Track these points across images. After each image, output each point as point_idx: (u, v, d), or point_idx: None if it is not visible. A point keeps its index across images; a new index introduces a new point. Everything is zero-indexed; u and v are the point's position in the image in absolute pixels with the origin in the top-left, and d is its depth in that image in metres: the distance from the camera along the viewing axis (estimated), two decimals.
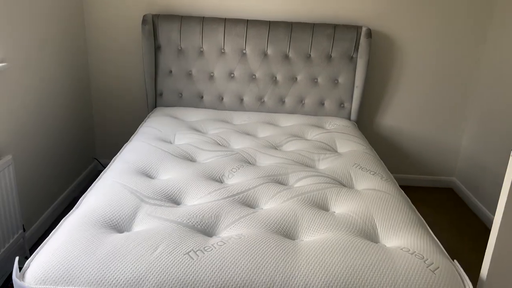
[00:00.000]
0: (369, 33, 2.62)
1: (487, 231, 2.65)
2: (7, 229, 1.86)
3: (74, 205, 1.99)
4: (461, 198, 3.03)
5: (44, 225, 2.35)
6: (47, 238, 1.33)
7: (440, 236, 2.58)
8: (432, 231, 2.62)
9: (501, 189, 1.88)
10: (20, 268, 1.21)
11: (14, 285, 1.17)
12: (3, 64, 1.86)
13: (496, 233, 1.23)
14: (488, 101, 2.75)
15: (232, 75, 2.71)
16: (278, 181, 1.80)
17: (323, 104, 2.76)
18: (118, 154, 1.99)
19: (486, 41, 2.80)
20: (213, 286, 1.17)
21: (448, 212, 2.84)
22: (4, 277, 1.91)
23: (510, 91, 2.52)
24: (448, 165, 3.13)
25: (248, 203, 1.61)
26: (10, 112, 1.97)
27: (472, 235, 2.59)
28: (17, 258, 1.20)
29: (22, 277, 1.18)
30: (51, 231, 1.36)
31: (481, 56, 2.84)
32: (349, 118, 2.78)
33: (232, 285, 1.17)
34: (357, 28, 2.63)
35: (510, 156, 1.19)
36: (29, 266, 1.21)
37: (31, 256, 1.25)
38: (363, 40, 2.62)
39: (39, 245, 1.29)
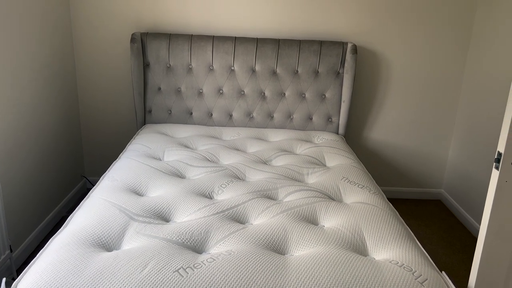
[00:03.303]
0: (355, 49, 2.67)
1: (476, 242, 2.67)
2: None
3: (62, 224, 1.97)
4: (450, 210, 3.06)
5: (32, 245, 2.32)
6: (35, 258, 1.31)
7: (429, 248, 2.59)
8: (421, 243, 2.63)
9: None
10: None
11: None
12: None
13: (482, 244, 1.25)
14: (473, 113, 2.81)
15: (221, 91, 2.73)
16: (268, 196, 1.81)
17: (311, 118, 2.79)
18: (106, 172, 1.98)
19: (469, 55, 2.87)
20: None
21: (437, 224, 2.87)
22: None
23: (494, 103, 2.58)
24: (436, 177, 3.16)
25: (237, 218, 1.61)
26: None
27: (460, 246, 2.61)
28: (4, 279, 1.18)
29: None
30: (39, 252, 1.35)
31: (464, 70, 2.91)
32: (337, 132, 2.82)
33: None
34: (342, 44, 2.69)
35: (493, 168, 1.21)
36: (16, 287, 1.20)
37: (19, 277, 1.23)
38: (348, 56, 2.68)
39: (27, 265, 1.28)
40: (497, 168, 1.19)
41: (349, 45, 2.68)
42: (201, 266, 1.27)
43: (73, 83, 2.81)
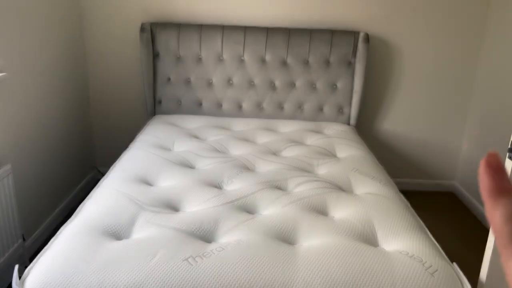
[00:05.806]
0: (367, 38, 2.63)
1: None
2: (7, 238, 1.86)
3: None
4: (462, 202, 3.02)
5: (44, 234, 2.35)
6: (46, 246, 1.33)
7: (441, 240, 2.57)
8: (433, 235, 2.60)
9: None
10: (20, 277, 1.21)
11: None
12: (1, 74, 1.87)
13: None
14: (487, 103, 2.76)
15: (230, 81, 2.72)
16: (277, 186, 1.80)
17: (322, 109, 2.76)
18: (116, 162, 1.99)
19: (483, 44, 2.81)
20: None
21: (449, 216, 2.84)
22: (4, 287, 1.90)
23: (509, 93, 2.52)
24: (449, 169, 3.12)
25: (247, 208, 1.61)
26: (9, 122, 1.98)
27: (473, 239, 2.58)
28: (16, 266, 1.20)
29: (22, 285, 1.18)
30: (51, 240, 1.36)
31: (479, 60, 2.85)
32: (348, 123, 2.79)
33: None
34: (354, 34, 2.65)
35: (507, 158, 1.19)
36: (28, 273, 1.21)
37: (31, 264, 1.25)
38: (360, 45, 2.64)
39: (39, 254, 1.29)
40: (510, 158, 1.17)
41: (361, 34, 2.64)
42: (210, 255, 1.27)
43: (84, 74, 2.82)
